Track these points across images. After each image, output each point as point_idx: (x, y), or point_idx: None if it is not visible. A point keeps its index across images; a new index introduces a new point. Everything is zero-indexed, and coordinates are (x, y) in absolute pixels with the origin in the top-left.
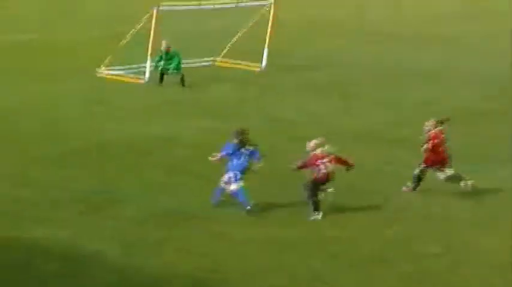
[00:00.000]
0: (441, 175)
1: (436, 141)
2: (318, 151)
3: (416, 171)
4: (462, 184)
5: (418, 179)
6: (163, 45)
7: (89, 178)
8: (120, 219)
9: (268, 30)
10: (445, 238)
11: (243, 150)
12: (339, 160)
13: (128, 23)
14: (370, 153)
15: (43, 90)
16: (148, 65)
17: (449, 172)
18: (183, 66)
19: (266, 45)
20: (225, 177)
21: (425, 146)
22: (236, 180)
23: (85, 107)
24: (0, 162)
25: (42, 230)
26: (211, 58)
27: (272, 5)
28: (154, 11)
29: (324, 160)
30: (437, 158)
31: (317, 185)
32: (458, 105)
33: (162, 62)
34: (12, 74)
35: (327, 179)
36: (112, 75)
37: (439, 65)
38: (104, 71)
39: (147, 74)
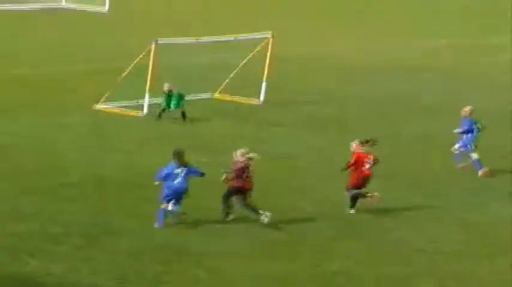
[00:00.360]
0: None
1: (357, 161)
2: (243, 160)
3: (353, 192)
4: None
5: (354, 199)
6: (165, 87)
7: (85, 211)
8: (116, 253)
9: (267, 64)
10: (439, 272)
11: (178, 171)
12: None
13: (126, 57)
14: (367, 186)
15: (41, 124)
16: (146, 99)
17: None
18: (185, 100)
19: (264, 79)
20: (164, 197)
21: (345, 166)
22: (174, 204)
23: (82, 140)
24: None
25: (38, 264)
26: (209, 94)
27: (270, 39)
28: (153, 46)
29: (246, 171)
30: (359, 177)
31: (233, 193)
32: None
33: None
34: (9, 108)
35: (244, 188)
36: (110, 107)
37: (437, 98)
38: (102, 106)
39: (146, 109)
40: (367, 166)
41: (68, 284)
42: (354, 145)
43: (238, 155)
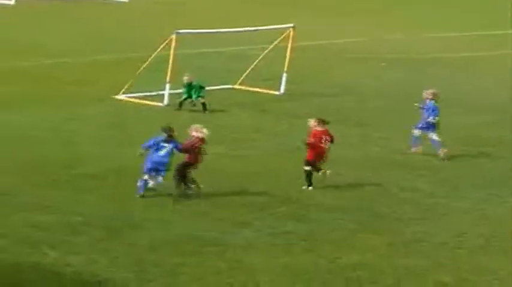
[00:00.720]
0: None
1: (315, 138)
2: (199, 135)
3: (307, 169)
4: (320, 173)
5: (309, 174)
6: (185, 79)
7: (104, 203)
8: (135, 245)
9: (287, 56)
10: (458, 267)
11: (165, 144)
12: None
13: (147, 48)
14: (388, 179)
15: (62, 116)
16: (167, 90)
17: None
18: (205, 90)
19: (284, 71)
20: (145, 168)
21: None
22: (157, 174)
23: (102, 131)
24: (18, 187)
25: (58, 255)
26: (230, 85)
27: (292, 31)
28: (173, 36)
29: (199, 144)
30: (317, 154)
31: (187, 167)
32: (468, 133)
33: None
34: (30, 100)
35: (196, 162)
36: (131, 97)
37: (451, 91)
38: (122, 97)
39: (166, 99)
40: (324, 142)
41: (87, 276)
42: (312, 123)
43: (193, 131)
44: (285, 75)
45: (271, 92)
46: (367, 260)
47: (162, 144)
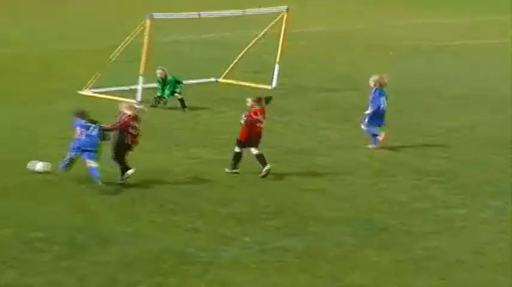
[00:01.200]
0: (254, 151)
1: (253, 117)
2: (129, 112)
3: (236, 149)
4: (264, 168)
5: (236, 156)
6: (158, 73)
7: (69, 214)
8: (106, 263)
9: (280, 44)
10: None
11: (91, 124)
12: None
13: (118, 36)
14: (396, 186)
15: (22, 114)
16: (140, 84)
17: (255, 151)
18: (183, 85)
19: (277, 62)
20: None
21: (242, 120)
22: (90, 157)
23: (67, 131)
24: None
25: (15, 275)
26: (213, 79)
27: (285, 14)
28: (148, 22)
29: (131, 123)
30: (251, 134)
31: (124, 148)
32: (491, 133)
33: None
34: None
35: (133, 142)
36: (98, 93)
37: (465, 88)
38: (89, 92)
39: (139, 95)
40: (261, 122)
41: None
42: (251, 102)
43: (124, 107)
44: (277, 66)
45: (262, 86)
46: (371, 280)
47: (88, 124)
